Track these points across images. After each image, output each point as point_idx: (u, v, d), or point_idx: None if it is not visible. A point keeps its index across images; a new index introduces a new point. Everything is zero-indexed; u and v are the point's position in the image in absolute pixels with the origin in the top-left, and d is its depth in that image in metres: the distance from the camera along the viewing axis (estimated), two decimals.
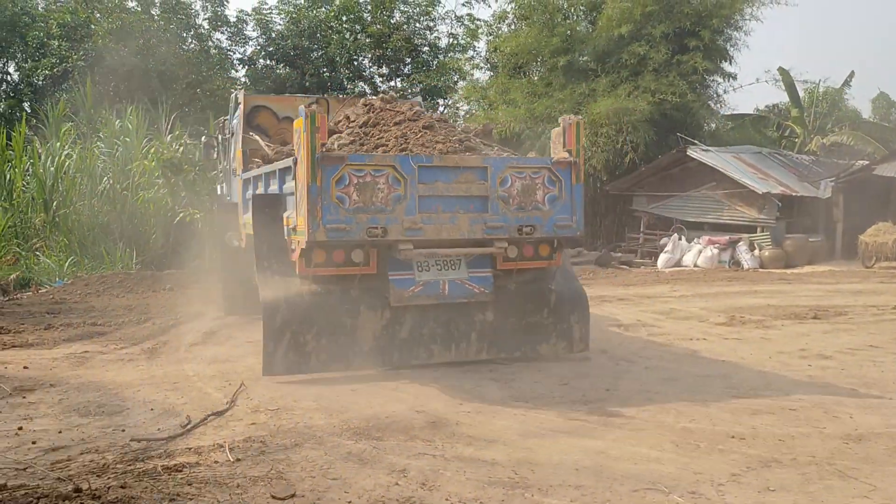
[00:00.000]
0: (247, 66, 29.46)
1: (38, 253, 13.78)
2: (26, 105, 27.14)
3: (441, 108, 28.24)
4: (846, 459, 4.14)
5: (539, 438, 4.46)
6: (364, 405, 5.12)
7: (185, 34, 28.13)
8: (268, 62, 29.43)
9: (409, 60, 28.95)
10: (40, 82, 26.86)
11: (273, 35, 28.81)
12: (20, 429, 4.62)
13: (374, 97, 8.47)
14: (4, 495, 3.56)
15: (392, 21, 28.65)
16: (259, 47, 29.23)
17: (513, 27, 24.35)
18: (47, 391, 5.51)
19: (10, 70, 30.07)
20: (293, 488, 3.68)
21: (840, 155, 22.83)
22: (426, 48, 29.50)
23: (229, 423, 4.75)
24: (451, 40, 29.68)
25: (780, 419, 4.86)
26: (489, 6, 34.95)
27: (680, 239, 18.35)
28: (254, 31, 29.19)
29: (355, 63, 28.99)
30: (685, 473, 3.93)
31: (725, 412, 5.00)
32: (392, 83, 29.80)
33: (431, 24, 29.37)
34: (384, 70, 29.55)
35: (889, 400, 5.36)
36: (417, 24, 29.14)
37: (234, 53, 29.88)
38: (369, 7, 28.79)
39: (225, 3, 28.72)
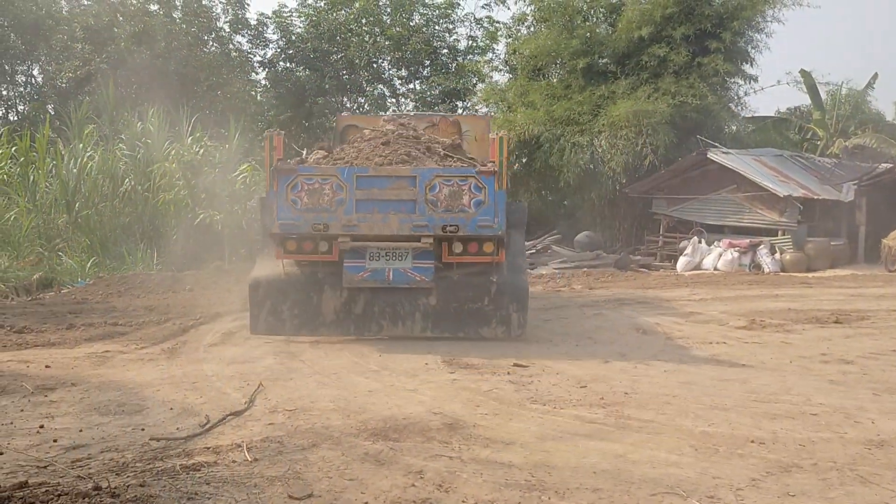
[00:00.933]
0: (267, 69, 29.65)
1: (60, 253, 13.93)
2: (50, 107, 27.46)
3: (460, 111, 28.25)
4: (868, 465, 4.10)
5: (556, 441, 4.44)
6: (381, 406, 5.13)
7: (206, 37, 28.37)
8: (288, 65, 29.59)
9: (428, 63, 28.99)
10: (64, 85, 27.18)
11: (293, 38, 28.96)
12: (42, 427, 4.67)
13: (395, 116, 9.90)
14: (26, 492, 3.60)
15: (411, 23, 28.70)
16: (279, 50, 29.40)
17: (532, 29, 24.31)
18: (69, 390, 5.56)
19: (35, 73, 30.46)
20: (310, 488, 3.70)
21: (863, 158, 22.55)
22: (445, 50, 29.53)
23: (247, 423, 4.77)
24: (470, 43, 29.69)
25: (801, 424, 4.81)
26: (508, 8, 34.97)
27: (700, 242, 18.22)
28: (274, 33, 29.35)
29: (375, 65, 29.07)
30: (704, 478, 3.90)
31: (745, 416, 4.96)
32: (411, 86, 29.88)
33: (451, 26, 29.39)
34: (403, 72, 29.61)
35: None
36: (437, 27, 29.17)
37: (255, 56, 30.06)
38: (389, 10, 28.88)
39: (245, 5, 28.89)
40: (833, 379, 6.10)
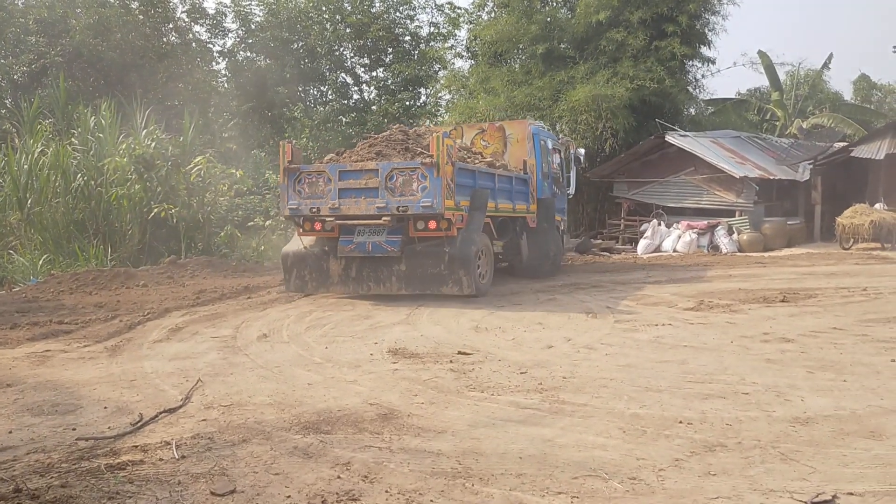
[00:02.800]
0: (227, 59, 29.30)
1: (12, 251, 13.69)
2: (9, 102, 26.88)
3: (423, 98, 28.16)
4: (790, 442, 4.17)
5: (487, 428, 4.46)
6: (318, 399, 5.12)
7: (163, 27, 27.93)
8: (248, 54, 29.28)
9: (390, 50, 28.81)
10: (18, 79, 26.61)
11: (252, 26, 28.63)
12: None
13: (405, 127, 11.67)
14: None
15: (372, 10, 28.49)
16: (238, 39, 29.06)
17: (492, 15, 24.28)
18: (3, 391, 5.48)
19: None
20: (234, 484, 3.68)
21: (820, 137, 22.91)
22: (407, 38, 29.37)
23: (180, 420, 4.74)
24: (431, 29, 29.58)
25: (731, 403, 4.89)
26: None
27: (659, 224, 18.41)
28: (233, 22, 28.99)
29: (336, 53, 28.84)
30: (628, 459, 3.94)
31: (677, 397, 5.03)
32: (374, 73, 29.69)
33: (412, 13, 29.23)
34: (366, 60, 29.41)
35: (843, 382, 5.38)
36: (398, 14, 28.99)
37: (214, 46, 29.68)
38: None
39: None
40: (770, 358, 6.20)
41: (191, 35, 28.92)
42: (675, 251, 17.46)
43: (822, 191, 19.32)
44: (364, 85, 30.22)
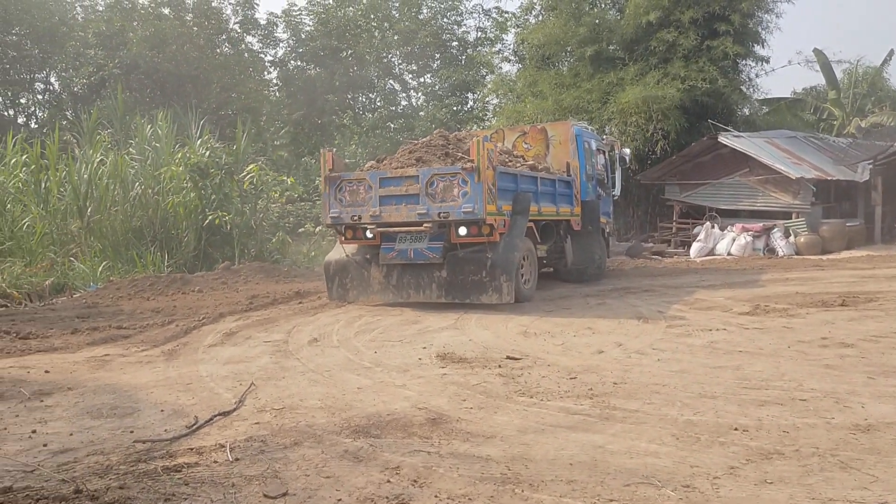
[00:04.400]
0: (278, 68, 29.81)
1: (73, 258, 14.12)
2: (69, 113, 27.80)
3: (470, 103, 28.22)
4: (850, 450, 4.04)
5: (537, 434, 4.43)
6: (368, 403, 5.15)
7: (217, 39, 28.56)
8: (298, 63, 29.75)
9: (437, 56, 28.98)
10: (79, 91, 27.50)
11: (303, 36, 29.09)
12: (34, 432, 4.74)
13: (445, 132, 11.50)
14: (8, 497, 3.67)
15: (420, 17, 28.70)
16: (289, 49, 29.54)
17: (540, 18, 24.22)
18: (65, 394, 5.64)
19: (52, 80, 30.87)
20: (286, 487, 3.72)
21: (880, 136, 22.23)
22: (454, 43, 29.52)
23: (234, 422, 4.81)
24: (479, 34, 29.66)
25: (789, 410, 4.76)
26: None
27: (713, 227, 18.07)
28: (284, 32, 29.51)
29: (384, 61, 29.12)
30: (681, 467, 3.87)
31: (732, 404, 4.92)
32: (422, 79, 29.87)
33: (459, 18, 29.38)
34: (413, 67, 29.63)
35: None
36: (445, 20, 29.16)
37: (266, 56, 30.25)
38: (397, 4, 28.91)
39: (255, 5, 29.06)
40: (829, 363, 6.02)
41: (243, 46, 29.53)
42: (729, 254, 17.11)
43: (882, 191, 18.73)
44: (412, 91, 30.48)
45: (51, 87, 30.93)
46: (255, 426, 4.72)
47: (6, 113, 29.78)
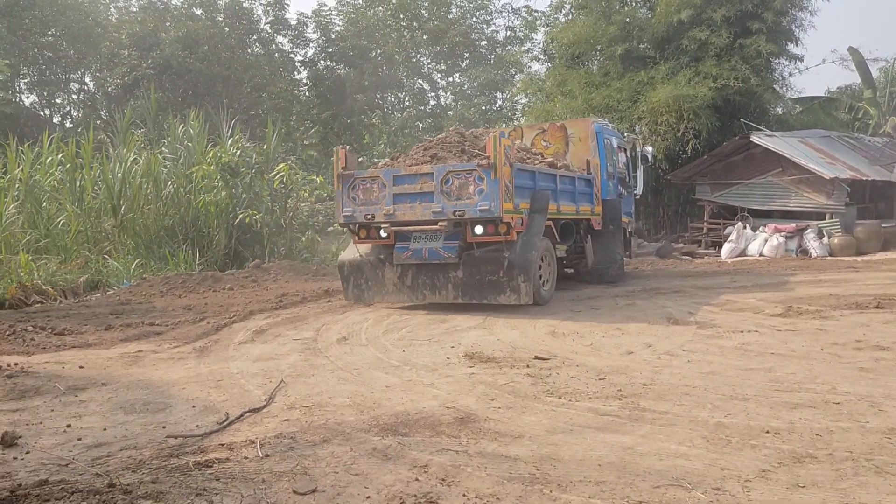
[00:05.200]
0: (308, 68, 30.02)
1: (107, 256, 14.35)
2: (103, 113, 28.27)
3: (499, 102, 28.20)
4: (885, 454, 3.97)
5: (566, 434, 4.42)
6: (396, 401, 5.17)
7: (248, 39, 28.84)
8: (328, 63, 29.93)
9: (466, 55, 28.99)
10: (113, 91, 27.94)
11: (332, 36, 29.25)
12: (69, 426, 4.83)
13: (461, 129, 11.32)
14: (43, 490, 3.74)
15: (449, 17, 28.73)
16: (319, 48, 29.72)
17: (569, 17, 24.11)
18: (99, 390, 5.74)
19: (87, 80, 31.41)
20: (316, 483, 3.75)
21: None
22: (483, 42, 29.50)
23: (264, 419, 4.86)
24: (508, 33, 29.63)
25: (821, 413, 4.69)
26: None
27: (744, 228, 17.86)
28: (314, 32, 29.69)
29: (413, 60, 29.20)
30: (712, 469, 3.83)
31: (764, 406, 4.86)
32: (450, 79, 29.89)
33: (488, 17, 29.37)
34: (442, 66, 29.67)
35: None
36: (474, 19, 29.15)
37: (296, 56, 30.47)
38: (426, 4, 28.95)
39: (286, 6, 29.29)
40: (863, 366, 5.92)
41: (274, 46, 29.77)
42: (761, 255, 16.90)
43: None
44: (441, 90, 30.51)
45: (85, 87, 31.52)
46: (285, 423, 4.76)
47: (42, 112, 30.38)
